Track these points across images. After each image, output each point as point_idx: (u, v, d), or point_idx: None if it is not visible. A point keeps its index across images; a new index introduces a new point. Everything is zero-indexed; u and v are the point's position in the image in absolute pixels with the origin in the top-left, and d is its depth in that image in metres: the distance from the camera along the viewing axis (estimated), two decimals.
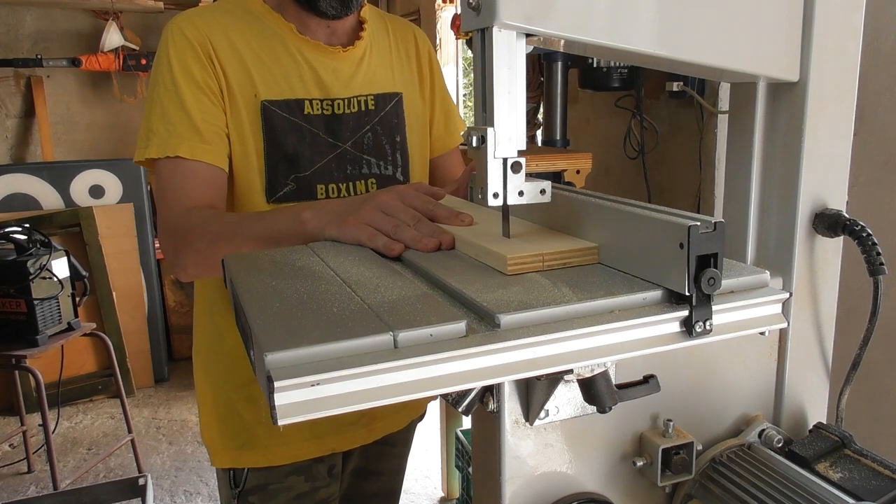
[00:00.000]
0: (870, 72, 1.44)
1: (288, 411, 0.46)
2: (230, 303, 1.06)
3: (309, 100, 1.12)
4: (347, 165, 1.15)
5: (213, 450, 1.19)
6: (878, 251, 0.67)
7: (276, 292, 0.61)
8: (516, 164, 0.65)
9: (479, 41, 0.62)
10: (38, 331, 2.61)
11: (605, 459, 0.67)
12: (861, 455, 0.66)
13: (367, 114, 1.16)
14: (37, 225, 2.95)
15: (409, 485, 2.89)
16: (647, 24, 0.62)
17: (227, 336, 1.15)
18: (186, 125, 1.03)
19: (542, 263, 0.65)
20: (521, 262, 0.65)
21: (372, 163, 1.17)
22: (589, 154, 2.04)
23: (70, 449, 3.24)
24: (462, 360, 0.50)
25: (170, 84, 1.05)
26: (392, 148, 1.20)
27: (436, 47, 3.79)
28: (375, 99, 1.18)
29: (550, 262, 0.66)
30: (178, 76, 1.04)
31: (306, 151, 1.12)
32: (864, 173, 1.49)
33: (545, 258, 0.66)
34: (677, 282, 0.57)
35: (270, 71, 1.10)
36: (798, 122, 0.68)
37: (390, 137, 1.20)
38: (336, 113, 1.14)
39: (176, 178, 1.03)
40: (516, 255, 0.64)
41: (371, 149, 1.17)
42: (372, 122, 1.17)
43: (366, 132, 1.17)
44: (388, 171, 1.19)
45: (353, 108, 1.15)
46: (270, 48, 1.10)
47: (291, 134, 1.11)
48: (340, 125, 1.14)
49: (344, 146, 1.14)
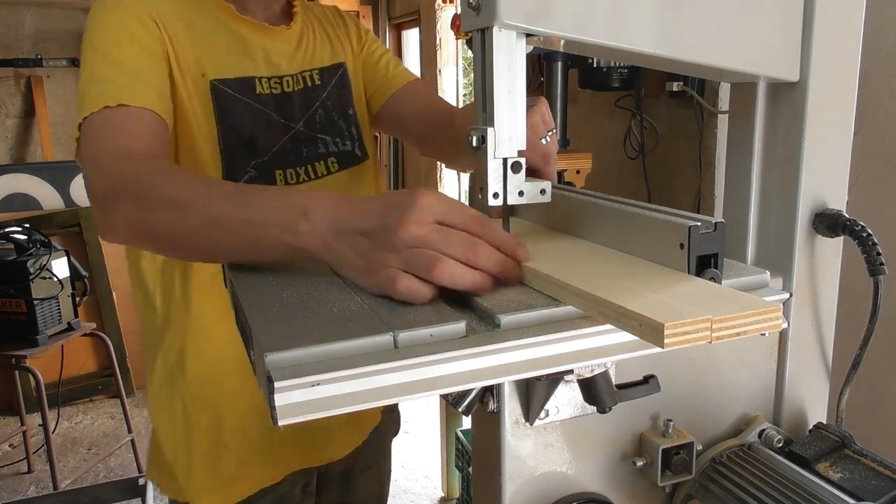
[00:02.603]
0: (870, 72, 1.44)
1: (288, 411, 0.46)
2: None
3: (258, 78, 1.03)
4: (303, 147, 1.07)
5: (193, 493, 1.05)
6: (879, 251, 0.67)
7: (276, 292, 0.61)
8: (516, 164, 0.65)
9: (479, 41, 0.62)
10: (38, 331, 2.61)
11: (605, 459, 0.67)
12: (861, 455, 0.66)
13: (314, 90, 1.10)
14: (37, 225, 2.95)
15: (409, 485, 2.89)
16: (647, 24, 0.62)
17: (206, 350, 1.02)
18: (122, 75, 0.88)
19: (710, 334, 0.48)
20: (684, 333, 0.47)
21: (328, 141, 1.10)
22: (589, 154, 2.04)
23: (70, 449, 3.24)
24: (462, 361, 0.50)
25: (102, 46, 0.90)
26: (346, 122, 1.13)
27: (436, 47, 3.79)
28: (321, 73, 1.12)
29: (721, 332, 0.48)
30: (114, 38, 0.90)
31: (263, 135, 1.02)
32: (864, 173, 1.49)
33: (714, 326, 0.48)
34: None
35: (215, 49, 1.00)
36: (798, 122, 0.68)
37: (342, 112, 1.13)
38: (286, 91, 1.06)
39: (108, 124, 0.85)
40: (678, 321, 0.46)
41: (325, 126, 1.10)
42: (321, 97, 1.11)
43: (316, 109, 1.10)
44: (346, 147, 1.12)
45: (299, 84, 1.08)
46: (212, 28, 1.01)
47: (246, 116, 1.01)
48: (291, 104, 1.07)
49: (297, 127, 1.07)
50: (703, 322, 0.47)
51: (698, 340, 0.47)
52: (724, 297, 0.52)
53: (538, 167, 0.84)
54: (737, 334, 0.48)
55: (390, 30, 4.51)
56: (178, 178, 0.74)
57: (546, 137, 0.85)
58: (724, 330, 0.48)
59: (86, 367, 3.60)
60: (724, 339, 0.48)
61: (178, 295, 1.02)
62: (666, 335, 0.46)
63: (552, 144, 0.87)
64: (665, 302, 0.50)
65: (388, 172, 4.52)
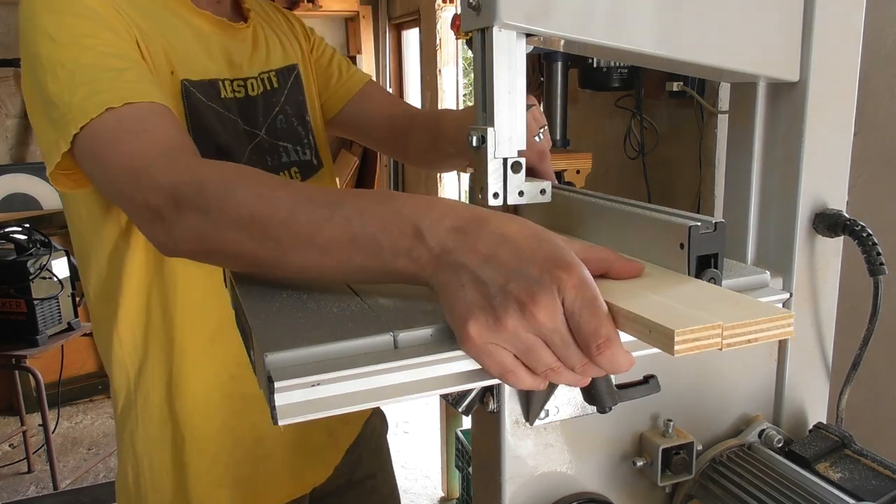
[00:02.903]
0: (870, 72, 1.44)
1: (288, 412, 0.46)
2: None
3: (222, 80, 0.93)
4: (266, 156, 0.97)
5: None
6: (879, 251, 0.67)
7: (276, 292, 0.61)
8: (516, 164, 0.65)
9: (479, 41, 0.62)
10: (38, 331, 2.62)
11: (605, 459, 0.67)
12: (861, 455, 0.66)
13: (273, 93, 1.01)
14: (37, 225, 2.96)
15: (409, 485, 2.89)
16: (647, 24, 0.62)
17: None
18: (109, 69, 0.75)
19: (721, 340, 0.46)
20: (694, 340, 0.45)
21: (289, 149, 1.01)
22: (589, 154, 2.04)
23: (70, 449, 3.24)
24: (462, 361, 0.50)
25: (67, 38, 0.75)
26: (304, 129, 1.05)
27: (436, 47, 3.79)
28: (277, 74, 1.02)
29: (732, 339, 0.46)
30: (79, 26, 0.76)
31: (233, 143, 0.92)
32: (864, 173, 1.49)
33: (724, 333, 0.46)
34: None
35: (179, 46, 0.87)
36: (798, 122, 0.68)
37: (300, 118, 1.05)
38: (250, 95, 0.97)
39: (123, 127, 0.72)
40: (687, 328, 0.45)
41: (285, 133, 1.01)
42: (279, 102, 1.02)
43: (276, 115, 1.01)
44: (306, 157, 1.04)
45: (260, 87, 0.99)
46: (172, 21, 0.89)
47: (215, 122, 0.90)
48: (255, 110, 0.97)
49: (260, 134, 0.98)
50: (713, 329, 0.45)
51: (709, 347, 0.45)
52: (734, 302, 0.50)
53: (534, 165, 0.82)
54: (748, 341, 0.47)
55: (390, 30, 4.51)
56: (250, 182, 0.61)
57: (539, 135, 0.85)
58: (736, 337, 0.46)
59: (86, 367, 3.60)
60: (735, 346, 0.46)
61: (157, 325, 0.92)
62: (676, 342, 0.44)
63: (545, 142, 0.85)
64: (674, 307, 0.49)
65: (388, 172, 4.51)
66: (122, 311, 0.92)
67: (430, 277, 0.51)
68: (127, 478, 0.98)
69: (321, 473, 1.09)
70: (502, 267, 0.47)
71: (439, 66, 3.81)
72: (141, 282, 0.91)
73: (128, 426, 0.97)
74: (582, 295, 0.46)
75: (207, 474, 0.96)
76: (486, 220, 0.50)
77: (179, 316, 0.92)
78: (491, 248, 0.48)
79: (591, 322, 0.46)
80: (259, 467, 1.00)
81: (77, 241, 0.95)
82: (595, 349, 0.46)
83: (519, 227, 0.50)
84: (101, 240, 0.91)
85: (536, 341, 0.47)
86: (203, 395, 0.95)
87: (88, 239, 0.93)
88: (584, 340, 0.47)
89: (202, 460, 0.96)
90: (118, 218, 0.90)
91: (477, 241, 0.49)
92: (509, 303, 0.46)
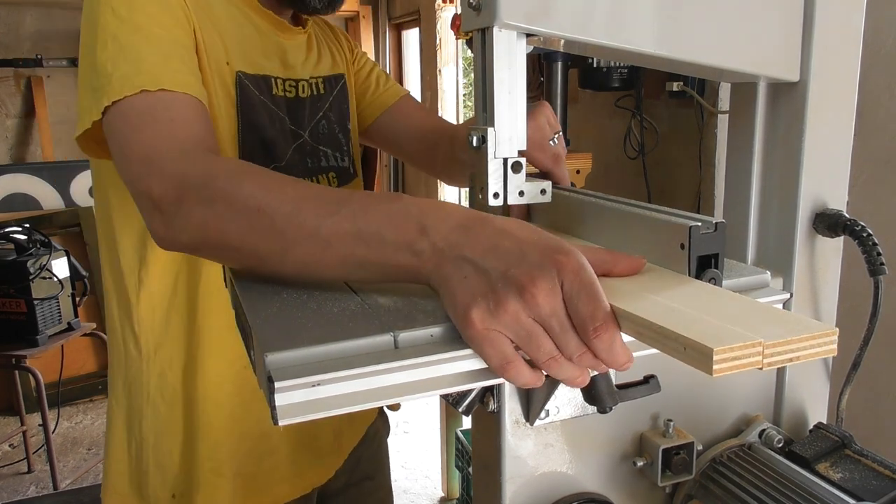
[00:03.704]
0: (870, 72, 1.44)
1: (288, 412, 0.46)
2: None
3: (275, 78, 0.95)
4: (307, 158, 1.00)
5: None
6: (879, 251, 0.67)
7: (276, 292, 0.61)
8: (516, 164, 0.65)
9: (479, 41, 0.62)
10: (38, 331, 2.62)
11: (606, 459, 0.67)
12: (861, 455, 0.66)
13: (318, 98, 1.04)
14: (37, 225, 2.96)
15: (409, 485, 2.89)
16: (647, 24, 0.62)
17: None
18: (157, 53, 0.77)
19: (762, 359, 0.43)
20: (734, 359, 0.42)
21: (329, 154, 1.04)
22: (589, 154, 2.04)
23: (70, 449, 3.24)
24: (463, 361, 0.50)
25: (128, 14, 0.77)
26: (345, 137, 1.08)
27: (436, 47, 3.79)
28: (325, 81, 1.06)
29: (774, 358, 0.43)
30: (142, 5, 0.78)
31: (279, 138, 0.95)
32: (864, 173, 1.49)
33: (766, 351, 0.43)
34: None
35: (236, 38, 0.90)
36: (798, 122, 0.68)
37: (342, 126, 1.08)
38: (300, 96, 1.00)
39: (151, 113, 0.73)
40: (727, 345, 0.41)
41: (327, 138, 1.04)
42: (324, 108, 1.05)
43: (320, 120, 1.04)
44: (344, 163, 1.07)
45: (308, 91, 1.02)
46: (231, 14, 0.91)
47: (264, 115, 0.92)
48: (302, 111, 1.00)
49: (304, 136, 1.01)
50: (754, 346, 0.42)
51: (749, 367, 0.42)
52: (772, 317, 0.47)
53: (549, 169, 0.83)
54: (789, 360, 0.43)
55: (390, 30, 4.51)
56: (259, 177, 0.62)
57: (553, 139, 0.85)
58: (777, 356, 0.43)
59: (86, 367, 3.60)
60: (777, 365, 0.43)
61: (181, 306, 0.93)
62: (715, 360, 0.41)
63: (560, 147, 0.86)
64: (708, 321, 0.45)
65: (389, 172, 4.51)
66: (144, 288, 0.93)
67: (431, 272, 0.52)
68: (128, 452, 0.99)
69: (322, 474, 1.09)
70: (504, 255, 0.48)
71: (439, 66, 3.81)
72: (170, 262, 0.92)
73: (136, 401, 0.97)
74: (580, 279, 0.47)
75: (209, 461, 0.97)
76: (490, 219, 0.52)
77: (203, 299, 0.93)
78: (494, 240, 0.50)
79: (589, 305, 0.47)
80: (263, 463, 1.00)
81: (102, 212, 0.96)
82: (592, 332, 0.47)
83: (520, 225, 0.52)
84: (128, 215, 0.92)
85: (536, 327, 0.47)
86: (216, 382, 0.95)
87: (114, 212, 0.93)
88: (582, 323, 0.47)
89: (206, 446, 0.96)
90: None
91: (479, 236, 0.50)
92: (510, 287, 0.47)
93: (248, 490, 1.00)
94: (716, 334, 0.43)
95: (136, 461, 0.99)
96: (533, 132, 0.81)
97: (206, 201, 0.63)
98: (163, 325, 0.94)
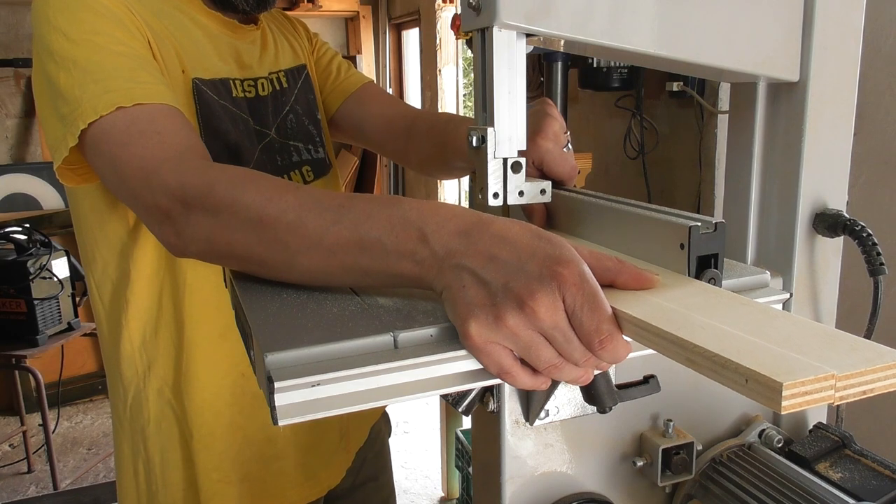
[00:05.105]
0: (870, 72, 1.44)
1: (288, 412, 0.46)
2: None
3: (233, 79, 0.94)
4: (276, 156, 0.98)
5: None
6: (879, 251, 0.67)
7: (276, 292, 0.61)
8: (516, 164, 0.65)
9: (479, 41, 0.62)
10: (39, 331, 2.62)
11: (605, 459, 0.67)
12: (861, 455, 0.66)
13: (282, 93, 1.02)
14: (37, 225, 2.95)
15: (410, 485, 2.89)
16: (647, 24, 0.62)
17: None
18: (122, 68, 0.75)
19: (835, 393, 0.39)
20: (805, 394, 0.38)
21: (301, 148, 1.02)
22: (589, 154, 2.04)
23: (70, 449, 3.24)
24: (462, 361, 0.50)
25: (80, 35, 0.76)
26: (316, 128, 1.07)
27: (436, 47, 3.79)
28: (286, 74, 1.04)
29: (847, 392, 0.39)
30: (92, 24, 0.77)
31: (244, 141, 0.93)
32: (864, 173, 1.49)
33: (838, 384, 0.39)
34: None
35: (188, 45, 0.89)
36: (798, 122, 0.68)
37: (311, 117, 1.06)
38: (260, 94, 0.98)
39: (133, 128, 0.72)
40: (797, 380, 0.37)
41: (296, 132, 1.03)
42: (289, 101, 1.03)
43: (287, 115, 1.02)
44: (319, 155, 1.05)
45: (268, 88, 1.00)
46: (180, 20, 0.90)
47: (226, 120, 0.90)
48: (265, 109, 0.99)
49: (271, 134, 0.99)
50: (826, 380, 0.38)
51: (820, 402, 0.38)
52: (838, 342, 0.42)
53: (565, 181, 0.79)
54: (863, 393, 0.39)
55: (390, 30, 4.51)
56: (259, 185, 0.61)
57: (568, 145, 0.82)
58: (850, 388, 0.39)
59: (86, 367, 3.60)
60: (848, 399, 0.39)
61: (168, 321, 0.93)
62: (784, 396, 0.36)
63: (571, 153, 0.82)
64: (765, 347, 0.41)
65: (389, 173, 4.51)
66: (132, 307, 0.93)
67: (433, 280, 0.51)
68: (136, 475, 0.98)
69: (334, 476, 1.09)
70: (503, 266, 0.48)
71: (439, 66, 3.81)
72: (152, 277, 0.92)
73: (138, 422, 0.96)
74: (582, 292, 0.46)
75: (216, 471, 0.96)
76: (489, 224, 0.51)
77: (189, 311, 0.92)
78: (492, 249, 0.49)
79: (593, 319, 0.46)
80: (271, 467, 1.00)
81: (82, 238, 0.96)
82: (598, 344, 0.46)
83: (520, 229, 0.50)
84: (108, 236, 0.92)
85: (536, 338, 0.47)
86: (212, 392, 0.95)
87: (94, 235, 0.93)
88: (587, 337, 0.47)
89: (209, 457, 0.96)
90: (125, 215, 0.90)
91: (479, 244, 0.50)
92: (509, 301, 0.46)
93: (259, 495, 0.99)
94: (784, 365, 0.38)
95: (145, 482, 0.98)
96: (553, 145, 0.79)
97: (209, 211, 0.63)
98: (153, 342, 0.94)
